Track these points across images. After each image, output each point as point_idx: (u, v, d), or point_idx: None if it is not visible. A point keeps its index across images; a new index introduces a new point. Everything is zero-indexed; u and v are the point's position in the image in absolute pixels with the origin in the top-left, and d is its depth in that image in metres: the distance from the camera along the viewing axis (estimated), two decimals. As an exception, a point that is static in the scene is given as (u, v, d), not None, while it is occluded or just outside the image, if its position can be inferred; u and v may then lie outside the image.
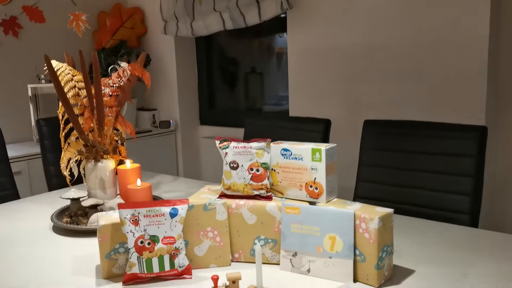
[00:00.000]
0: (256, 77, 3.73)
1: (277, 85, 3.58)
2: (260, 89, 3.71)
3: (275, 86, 3.60)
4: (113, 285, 1.11)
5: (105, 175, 1.63)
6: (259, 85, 3.70)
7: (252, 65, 3.76)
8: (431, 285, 1.05)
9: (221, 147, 1.24)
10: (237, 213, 1.20)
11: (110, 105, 1.65)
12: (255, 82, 3.72)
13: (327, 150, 1.14)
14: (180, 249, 1.13)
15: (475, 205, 1.46)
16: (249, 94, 3.76)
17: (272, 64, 3.63)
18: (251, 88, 3.74)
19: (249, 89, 3.75)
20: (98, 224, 1.14)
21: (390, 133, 1.66)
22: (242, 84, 3.77)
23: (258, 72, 3.75)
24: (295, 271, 1.14)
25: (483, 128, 1.48)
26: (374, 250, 1.04)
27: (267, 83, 3.64)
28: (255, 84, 3.71)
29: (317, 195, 1.16)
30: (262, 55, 3.65)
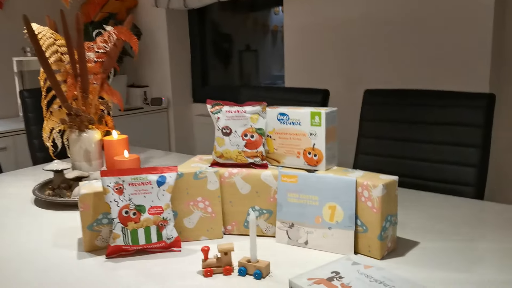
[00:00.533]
0: (251, 55, 3.62)
1: (273, 63, 3.48)
2: (255, 67, 3.60)
3: (270, 64, 3.50)
4: (95, 258, 1.03)
5: (90, 146, 1.54)
6: (254, 63, 3.60)
7: (247, 42, 3.65)
8: (436, 258, 0.98)
9: (212, 112, 1.15)
10: (230, 182, 1.11)
11: (95, 72, 1.55)
12: (249, 60, 3.61)
13: (327, 113, 1.06)
14: (168, 220, 1.04)
15: (481, 177, 1.39)
16: (243, 71, 3.65)
17: (267, 42, 3.52)
18: (245, 65, 3.63)
19: (244, 67, 3.65)
20: (79, 193, 1.06)
21: (392, 103, 1.57)
22: (237, 62, 3.67)
23: (253, 49, 3.64)
24: (291, 243, 1.07)
25: (491, 96, 1.40)
26: (377, 219, 0.97)
27: (262, 61, 3.54)
28: (249, 62, 3.61)
29: (315, 163, 1.08)
30: (257, 33, 3.54)
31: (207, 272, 0.93)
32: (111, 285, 0.91)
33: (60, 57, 1.53)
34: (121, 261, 1.01)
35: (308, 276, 0.88)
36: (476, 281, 0.88)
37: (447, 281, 0.88)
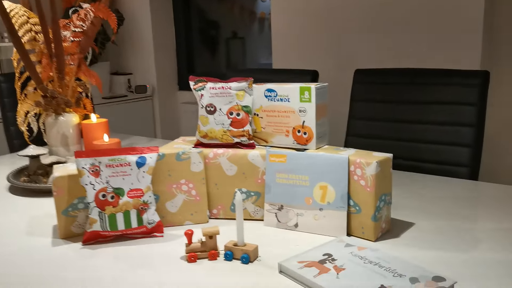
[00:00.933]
0: (238, 42, 3.55)
1: (260, 51, 3.41)
2: (242, 54, 3.53)
3: (258, 52, 3.43)
4: (71, 245, 0.96)
5: (68, 131, 1.47)
6: (241, 50, 3.52)
7: (234, 30, 3.57)
8: (431, 239, 0.93)
9: (195, 89, 1.08)
10: (215, 164, 1.05)
11: (71, 52, 1.47)
12: (236, 48, 3.53)
13: (318, 88, 0.99)
14: (149, 203, 0.98)
15: (475, 157, 1.34)
16: (230, 59, 3.57)
17: (254, 30, 3.45)
18: (232, 53, 3.55)
19: (230, 55, 3.57)
20: (53, 176, 0.98)
21: (383, 82, 1.52)
22: (223, 49, 3.58)
23: (240, 37, 3.56)
24: (281, 226, 1.01)
25: (485, 73, 1.35)
26: (371, 199, 0.91)
27: (249, 49, 3.46)
28: (236, 50, 3.53)
29: (305, 141, 1.02)
30: (244, 20, 3.46)
31: (191, 257, 0.87)
32: (88, 273, 0.84)
33: (34, 36, 1.44)
34: (98, 248, 0.95)
35: (299, 259, 0.83)
36: (473, 261, 0.83)
37: (444, 261, 0.83)
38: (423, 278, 0.74)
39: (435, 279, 0.74)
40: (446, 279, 0.74)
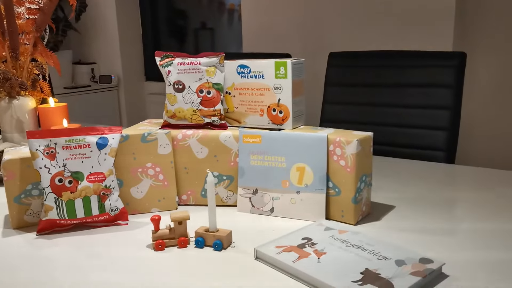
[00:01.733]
0: (207, 33, 3.45)
1: (229, 43, 3.33)
2: (211, 45, 3.44)
3: (227, 43, 3.34)
4: (24, 236, 0.87)
5: (23, 116, 1.35)
6: (210, 41, 3.43)
7: (203, 20, 3.47)
8: (413, 222, 0.89)
9: (162, 65, 1.00)
10: (184, 146, 0.97)
11: (26, 30, 1.35)
12: (205, 38, 3.44)
13: (294, 63, 0.93)
14: (111, 188, 0.89)
15: (452, 140, 1.32)
16: (199, 50, 3.47)
17: (224, 21, 3.37)
18: (201, 44, 3.46)
19: (199, 45, 3.47)
20: (3, 159, 0.88)
21: (358, 65, 1.48)
22: (192, 40, 3.48)
23: (209, 27, 3.47)
24: (255, 211, 0.95)
25: (462, 54, 1.32)
26: (351, 180, 0.86)
27: (219, 40, 3.38)
28: (205, 40, 3.44)
29: (281, 120, 0.96)
30: (213, 11, 3.37)
31: (158, 244, 0.80)
32: (43, 264, 0.76)
33: (-17, 12, 1.32)
34: (54, 238, 0.86)
35: (276, 244, 0.76)
36: (455, 242, 0.79)
37: (427, 243, 0.79)
38: (410, 260, 0.70)
39: (422, 261, 0.69)
40: (433, 261, 0.69)
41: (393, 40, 2.19)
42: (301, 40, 2.49)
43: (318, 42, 2.43)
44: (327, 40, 2.40)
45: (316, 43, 2.44)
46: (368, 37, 2.26)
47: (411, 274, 0.66)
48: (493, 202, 0.96)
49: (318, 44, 2.43)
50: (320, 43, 2.42)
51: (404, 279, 0.65)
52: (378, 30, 2.24)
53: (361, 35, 2.28)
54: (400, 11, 2.16)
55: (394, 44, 2.18)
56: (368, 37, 2.26)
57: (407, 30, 2.16)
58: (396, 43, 2.17)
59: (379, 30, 2.23)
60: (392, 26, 2.19)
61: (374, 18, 2.24)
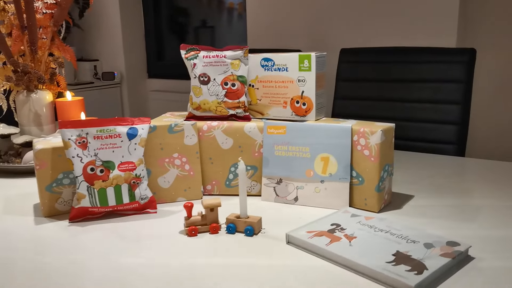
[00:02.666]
0: (207, 31, 3.47)
1: (230, 41, 3.35)
2: (211, 43, 3.46)
3: (228, 42, 3.37)
4: (57, 223, 0.89)
5: (41, 109, 1.37)
6: (210, 39, 3.45)
7: (203, 18, 3.49)
8: (433, 209, 0.92)
9: (187, 58, 1.02)
10: (210, 137, 1.00)
11: (44, 25, 1.37)
12: (206, 36, 3.46)
13: (318, 57, 0.96)
14: (141, 177, 0.92)
15: (462, 134, 1.36)
16: (200, 46, 3.49)
17: (223, 19, 3.39)
18: (202, 42, 3.48)
19: (200, 43, 3.49)
20: (35, 149, 0.90)
21: (370, 61, 1.51)
22: (192, 37, 3.50)
23: (209, 26, 3.49)
24: (279, 200, 0.97)
25: (472, 51, 1.36)
26: (375, 169, 0.89)
27: (219, 38, 3.40)
28: (206, 38, 3.46)
29: (304, 112, 0.98)
30: (213, 9, 3.39)
31: (191, 230, 0.82)
32: (79, 250, 0.78)
33: (3, 6, 1.33)
34: (87, 225, 0.88)
35: (307, 229, 0.79)
36: (476, 226, 0.82)
37: (449, 228, 0.82)
38: (437, 243, 0.73)
39: (450, 244, 0.73)
40: (460, 244, 0.73)
41: (397, 37, 2.23)
42: (306, 37, 2.52)
43: (324, 39, 2.47)
44: (332, 37, 2.43)
45: (322, 39, 2.47)
46: (371, 33, 2.30)
47: (440, 256, 0.69)
48: (507, 190, 1.00)
49: (323, 40, 2.47)
50: (325, 40, 2.46)
51: (434, 260, 0.68)
52: (382, 26, 2.27)
53: (365, 32, 2.32)
54: (404, 8, 2.20)
55: (397, 41, 2.22)
56: (371, 33, 2.30)
57: (411, 27, 2.20)
58: (400, 40, 2.21)
59: (383, 26, 2.27)
60: (395, 23, 2.23)
61: (377, 14, 2.27)
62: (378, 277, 0.65)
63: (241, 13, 3.32)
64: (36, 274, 0.70)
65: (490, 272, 0.68)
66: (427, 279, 0.64)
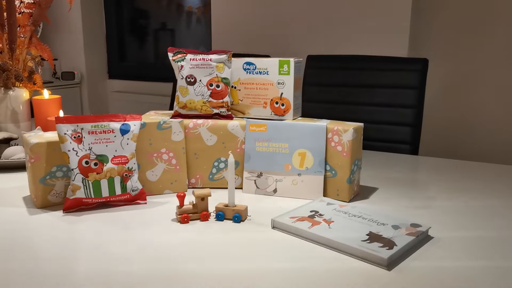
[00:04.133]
0: (167, 34, 3.52)
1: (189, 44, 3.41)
2: (171, 45, 3.50)
3: (187, 45, 3.42)
4: (51, 213, 0.93)
5: (18, 106, 1.39)
6: (170, 42, 3.49)
7: (163, 21, 3.53)
8: (395, 199, 1.04)
9: (174, 60, 1.09)
10: (195, 134, 1.08)
11: (22, 24, 1.39)
12: (165, 39, 3.50)
13: (296, 62, 1.07)
14: (133, 170, 0.98)
15: (416, 135, 1.51)
16: (159, 50, 3.53)
17: (182, 22, 3.45)
18: (161, 44, 3.51)
19: (159, 45, 3.52)
20: (30, 142, 0.94)
21: (333, 67, 1.64)
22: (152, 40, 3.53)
23: (169, 28, 3.54)
24: (260, 192, 1.07)
25: (425, 61, 1.52)
26: (347, 163, 1.00)
27: (178, 41, 3.45)
28: (165, 41, 3.50)
29: (283, 112, 1.08)
30: (172, 12, 3.44)
31: (183, 218, 0.90)
32: (77, 237, 0.83)
33: (-19, 4, 1.34)
34: (82, 215, 0.93)
35: (290, 215, 0.89)
36: (432, 212, 0.95)
37: (410, 213, 0.95)
38: (403, 225, 0.85)
39: (413, 226, 0.85)
40: (422, 225, 0.85)
41: (354, 47, 2.39)
42: (270, 42, 2.64)
43: (287, 45, 2.59)
44: (295, 43, 2.56)
45: (285, 46, 2.60)
46: (331, 42, 2.45)
47: (406, 235, 0.81)
48: (455, 183, 1.15)
49: (286, 46, 2.59)
50: (289, 46, 2.58)
51: (401, 238, 0.79)
52: (341, 36, 2.42)
53: (325, 40, 2.46)
54: (362, 21, 2.36)
55: (354, 50, 2.38)
56: (331, 42, 2.45)
57: (367, 38, 2.36)
58: (357, 49, 2.37)
59: (342, 36, 2.42)
60: (354, 33, 2.39)
61: (336, 25, 2.42)
62: (356, 253, 0.76)
63: (200, 17, 3.40)
64: (33, 261, 0.75)
65: (446, 247, 0.80)
66: (397, 253, 0.75)
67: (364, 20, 2.34)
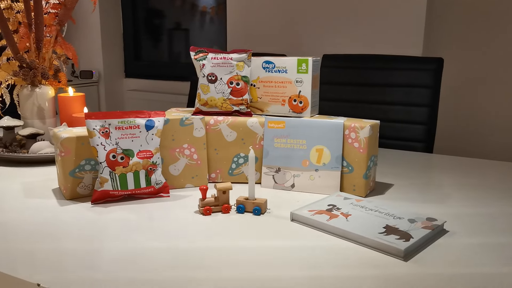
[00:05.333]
0: (181, 33, 3.57)
1: (203, 44, 3.45)
2: (186, 45, 3.55)
3: (201, 44, 3.47)
4: (80, 205, 0.98)
5: (44, 103, 1.44)
6: (184, 41, 3.54)
7: (177, 21, 3.58)
8: (411, 195, 1.07)
9: (196, 59, 1.13)
10: (216, 130, 1.11)
11: (48, 24, 1.44)
12: (180, 38, 3.55)
13: (314, 61, 1.10)
14: (157, 164, 1.02)
15: (430, 133, 1.53)
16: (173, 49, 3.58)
17: (196, 22, 3.49)
18: (175, 44, 3.56)
19: (174, 45, 3.58)
20: (61, 137, 0.99)
21: (349, 66, 1.66)
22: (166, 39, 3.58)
23: (184, 28, 3.59)
24: (277, 187, 1.10)
25: (440, 60, 1.54)
26: (363, 159, 1.03)
27: (193, 41, 3.50)
28: (180, 40, 3.55)
29: (301, 109, 1.12)
30: (186, 12, 3.49)
31: (206, 210, 0.93)
32: (104, 226, 0.87)
33: (10, 5, 1.39)
34: (108, 206, 0.97)
35: (308, 209, 0.92)
36: (447, 207, 0.98)
37: (425, 208, 0.97)
38: (419, 219, 0.87)
39: (429, 220, 0.87)
40: (437, 219, 0.88)
41: (368, 46, 2.41)
42: (284, 42, 2.67)
43: (301, 45, 2.62)
44: (309, 43, 2.59)
45: (299, 45, 2.63)
46: (345, 41, 2.47)
47: (422, 228, 0.83)
48: (469, 180, 1.17)
49: (300, 46, 2.62)
50: (303, 45, 2.61)
51: (418, 231, 0.82)
52: (355, 35, 2.45)
53: (338, 40, 2.49)
54: (376, 21, 2.38)
55: (368, 49, 2.40)
56: (345, 41, 2.47)
57: (381, 37, 2.38)
58: (371, 49, 2.39)
59: (356, 35, 2.45)
60: (368, 33, 2.41)
61: (351, 24, 2.45)
62: (373, 245, 0.79)
63: (214, 17, 3.44)
64: (63, 247, 0.79)
65: (461, 240, 0.83)
66: (413, 245, 0.78)
67: (378, 19, 2.37)
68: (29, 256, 0.75)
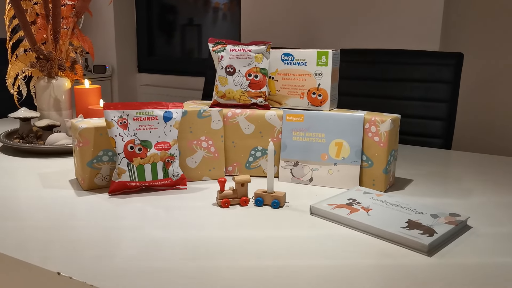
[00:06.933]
0: (194, 29, 3.56)
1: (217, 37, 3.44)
2: (198, 41, 3.54)
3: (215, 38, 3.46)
4: (98, 195, 0.98)
5: (60, 95, 1.44)
6: (197, 37, 3.54)
7: (190, 16, 3.58)
8: (431, 190, 1.05)
9: (215, 50, 1.12)
10: (233, 123, 1.10)
11: (65, 15, 1.44)
12: (193, 34, 3.54)
13: (334, 53, 1.08)
14: (175, 156, 1.01)
15: (449, 129, 1.50)
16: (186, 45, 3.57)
17: (209, 18, 3.49)
18: (188, 39, 3.56)
19: (186, 40, 3.57)
20: (79, 127, 0.99)
21: (366, 61, 1.64)
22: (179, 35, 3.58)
23: (196, 24, 3.58)
24: (295, 181, 1.09)
25: (459, 55, 1.51)
26: (383, 153, 1.01)
27: (205, 37, 3.49)
28: (193, 36, 3.54)
29: (320, 103, 1.10)
30: (199, 8, 3.48)
31: (224, 202, 0.92)
32: (127, 217, 0.87)
33: (27, -5, 1.39)
34: (127, 197, 0.97)
35: (328, 203, 0.91)
36: (469, 203, 0.96)
37: (447, 205, 0.95)
38: (442, 214, 0.86)
39: (452, 215, 0.85)
40: (460, 215, 0.86)
41: (383, 41, 2.38)
42: (298, 37, 2.65)
43: (315, 40, 2.60)
44: (324, 38, 2.57)
45: (313, 40, 2.60)
46: (360, 36, 2.45)
47: (446, 223, 0.82)
48: (490, 176, 1.15)
49: (315, 41, 2.60)
50: (317, 40, 2.59)
51: (441, 226, 0.80)
52: (370, 30, 2.42)
53: (354, 34, 2.46)
54: (392, 15, 2.35)
55: (384, 44, 2.37)
56: (360, 36, 2.45)
57: (397, 31, 2.35)
58: (387, 43, 2.36)
59: (371, 30, 2.42)
60: (383, 27, 2.38)
61: (366, 19, 2.42)
62: (396, 240, 0.77)
63: (226, 13, 3.43)
64: (80, 236, 0.79)
65: (485, 236, 0.81)
66: (437, 240, 0.76)
67: (395, 13, 2.34)
68: (47, 245, 0.75)
